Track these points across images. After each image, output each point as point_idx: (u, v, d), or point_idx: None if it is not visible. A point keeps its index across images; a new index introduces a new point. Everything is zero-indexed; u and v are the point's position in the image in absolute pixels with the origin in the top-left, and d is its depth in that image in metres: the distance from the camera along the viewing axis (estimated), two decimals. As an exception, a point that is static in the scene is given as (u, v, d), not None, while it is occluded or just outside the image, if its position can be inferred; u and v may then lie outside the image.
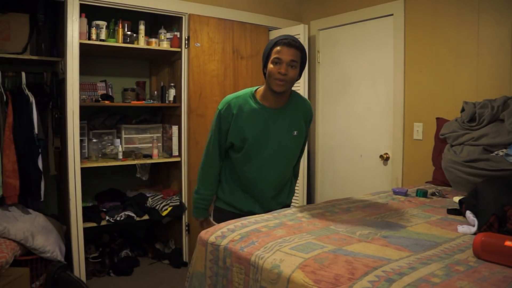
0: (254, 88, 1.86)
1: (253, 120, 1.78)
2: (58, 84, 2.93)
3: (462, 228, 1.46)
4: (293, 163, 1.95)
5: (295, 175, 2.07)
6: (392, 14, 3.08)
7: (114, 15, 2.97)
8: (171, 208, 3.16)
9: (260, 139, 1.78)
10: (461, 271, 1.08)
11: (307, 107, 1.94)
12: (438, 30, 2.80)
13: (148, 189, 3.46)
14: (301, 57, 1.75)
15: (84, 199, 2.88)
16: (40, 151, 2.67)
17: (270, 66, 1.71)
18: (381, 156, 3.19)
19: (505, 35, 2.46)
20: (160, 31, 3.13)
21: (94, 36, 2.83)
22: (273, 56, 1.71)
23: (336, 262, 1.15)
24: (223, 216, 1.83)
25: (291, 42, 1.70)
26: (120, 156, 3.05)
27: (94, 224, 2.91)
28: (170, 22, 3.24)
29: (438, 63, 2.81)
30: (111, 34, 2.95)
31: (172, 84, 3.25)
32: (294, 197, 3.54)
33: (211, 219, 1.97)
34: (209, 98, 3.24)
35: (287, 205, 1.98)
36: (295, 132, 1.84)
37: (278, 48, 1.70)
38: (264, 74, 1.79)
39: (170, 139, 3.24)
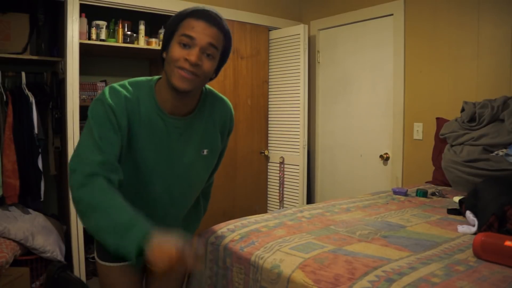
0: (151, 80, 1.27)
1: (149, 135, 1.22)
2: (58, 84, 2.93)
3: (462, 228, 1.47)
4: (199, 190, 1.43)
5: (205, 197, 1.54)
6: (392, 14, 3.08)
7: (114, 15, 2.96)
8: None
9: (155, 164, 1.24)
10: (461, 271, 1.08)
11: (227, 111, 1.39)
12: (438, 30, 2.80)
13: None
14: (224, 44, 1.21)
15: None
16: (40, 151, 2.67)
17: (175, 47, 1.15)
18: (381, 156, 3.19)
19: (505, 35, 2.46)
20: (160, 31, 3.12)
21: (94, 36, 2.83)
22: (181, 31, 1.15)
23: (336, 262, 1.15)
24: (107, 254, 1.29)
25: (214, 17, 1.15)
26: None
27: (94, 224, 2.90)
28: (170, 22, 3.23)
29: (438, 63, 2.81)
30: (111, 34, 2.95)
31: (172, 84, 3.24)
32: (294, 197, 3.57)
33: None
34: (209, 98, 3.24)
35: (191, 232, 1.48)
36: (205, 151, 1.32)
37: (192, 21, 1.14)
38: (162, 60, 1.22)
39: (170, 139, 3.23)
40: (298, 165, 3.46)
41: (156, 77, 1.30)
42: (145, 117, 1.21)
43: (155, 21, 3.32)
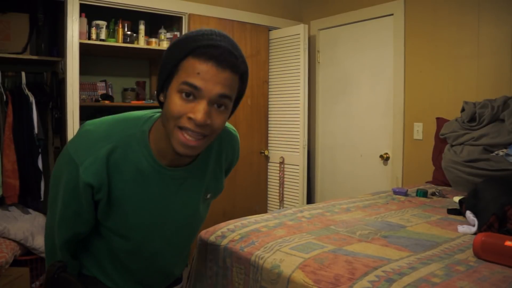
0: (144, 123, 1.00)
1: (141, 193, 1.00)
2: (58, 84, 2.92)
3: (462, 228, 1.46)
4: (197, 231, 1.26)
5: None
6: (392, 14, 3.08)
7: (114, 15, 2.96)
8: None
9: (151, 223, 1.06)
10: (461, 271, 1.08)
11: (235, 147, 1.19)
12: (438, 30, 2.80)
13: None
14: (240, 84, 0.93)
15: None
16: (40, 151, 2.67)
17: (174, 98, 0.88)
18: (381, 156, 3.19)
19: (505, 35, 2.46)
20: (160, 31, 3.12)
21: (94, 36, 2.83)
22: (181, 77, 0.87)
23: (336, 262, 1.15)
24: None
25: (226, 56, 0.87)
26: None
27: (94, 224, 2.91)
28: (170, 22, 3.23)
29: (438, 63, 2.81)
30: (111, 34, 2.95)
31: (172, 84, 3.24)
32: (294, 197, 3.57)
33: None
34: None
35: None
36: (209, 195, 1.15)
37: (196, 64, 0.86)
38: (160, 104, 0.96)
39: (170, 139, 3.23)
40: (298, 165, 3.45)
41: (150, 114, 1.03)
42: (134, 174, 0.98)
43: (155, 21, 3.32)
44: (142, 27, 3.03)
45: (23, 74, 2.70)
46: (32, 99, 2.65)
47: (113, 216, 1.01)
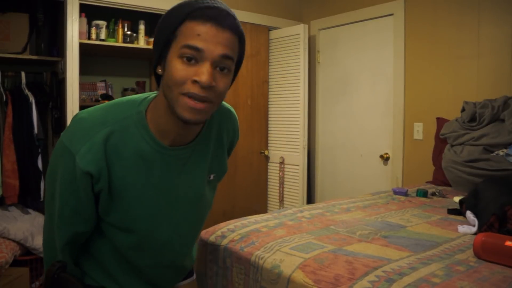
0: (141, 103, 0.95)
1: (143, 178, 0.95)
2: (58, 84, 2.92)
3: (463, 228, 1.46)
4: (205, 218, 1.18)
5: None
6: (392, 14, 3.08)
7: (114, 15, 2.96)
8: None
9: (156, 209, 0.99)
10: (462, 271, 1.08)
11: (234, 124, 1.15)
12: (439, 30, 2.79)
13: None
14: (240, 48, 0.92)
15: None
16: (40, 151, 2.67)
17: (175, 63, 0.84)
18: (381, 156, 3.19)
19: (505, 35, 2.46)
20: (160, 31, 3.12)
21: (94, 36, 2.83)
22: (181, 41, 0.84)
23: (336, 262, 1.15)
24: None
25: (225, 16, 0.85)
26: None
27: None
28: (170, 22, 3.23)
29: (438, 63, 2.81)
30: (111, 34, 2.95)
31: (172, 84, 3.24)
32: (294, 197, 3.57)
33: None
34: (209, 98, 3.24)
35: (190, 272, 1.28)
36: (212, 176, 1.09)
37: (196, 25, 0.83)
38: (157, 77, 0.93)
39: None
40: (298, 165, 3.45)
41: (145, 95, 0.98)
42: (134, 158, 0.93)
43: (155, 21, 3.32)
44: (142, 27, 3.03)
45: (22, 74, 2.70)
46: (32, 99, 2.65)
47: (115, 207, 0.95)
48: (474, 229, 1.43)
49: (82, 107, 2.75)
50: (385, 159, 3.17)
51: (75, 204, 0.92)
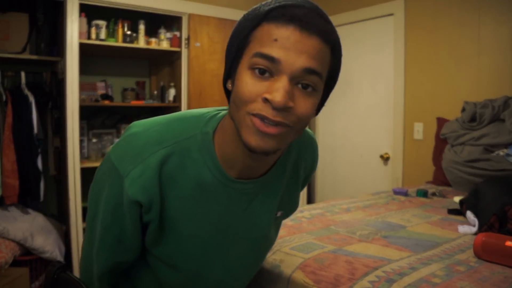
0: (208, 121, 0.79)
1: (201, 212, 0.80)
2: (58, 83, 2.92)
3: (463, 228, 1.46)
4: (265, 258, 1.06)
5: None
6: (392, 14, 3.08)
7: (113, 15, 2.96)
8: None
9: (212, 248, 0.85)
10: (462, 271, 1.08)
11: (313, 152, 0.97)
12: (439, 30, 2.79)
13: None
14: (332, 62, 0.71)
15: (84, 199, 2.88)
16: (39, 151, 2.67)
17: (244, 76, 0.68)
18: (381, 156, 3.18)
19: (505, 35, 2.46)
20: (160, 30, 3.12)
21: (93, 36, 2.83)
22: (253, 48, 0.67)
23: (336, 262, 1.15)
24: None
25: (313, 18, 0.66)
26: (120, 156, 3.04)
27: (94, 224, 2.90)
28: (170, 21, 3.23)
29: (438, 63, 2.81)
30: (111, 33, 2.95)
31: (172, 84, 3.24)
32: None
33: None
34: (209, 98, 3.24)
35: None
36: (280, 213, 0.94)
37: (273, 27, 0.66)
38: (227, 93, 0.77)
39: (170, 139, 3.24)
40: (298, 165, 3.45)
41: (214, 111, 0.81)
42: (193, 188, 0.77)
43: (155, 21, 3.32)
44: (142, 27, 3.02)
45: (22, 74, 2.69)
46: (31, 99, 2.65)
47: (164, 241, 0.80)
48: (475, 229, 1.43)
49: (82, 107, 2.74)
50: (385, 159, 3.17)
51: (119, 233, 0.78)
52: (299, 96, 0.67)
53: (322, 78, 0.69)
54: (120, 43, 2.94)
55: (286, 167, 0.88)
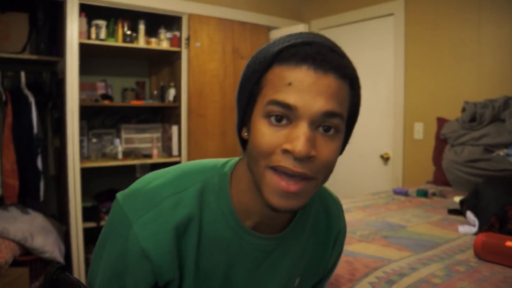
0: (225, 164, 0.74)
1: (215, 259, 0.71)
2: (58, 83, 2.92)
3: (463, 228, 1.46)
4: None
5: None
6: (392, 14, 3.08)
7: (113, 15, 2.96)
8: (170, 208, 3.12)
9: None
10: (462, 272, 1.07)
11: (340, 219, 0.85)
12: (439, 30, 2.79)
13: (148, 189, 3.45)
14: (352, 97, 0.67)
15: (84, 199, 2.88)
16: (39, 151, 2.67)
17: (260, 125, 0.62)
18: (381, 156, 3.18)
19: (506, 35, 2.45)
20: (160, 30, 3.12)
21: (93, 36, 2.83)
22: (267, 94, 0.62)
23: (336, 263, 1.14)
24: None
25: (326, 54, 0.62)
26: (120, 156, 3.04)
27: (94, 224, 2.90)
28: (170, 21, 3.23)
29: (438, 63, 2.81)
30: (111, 33, 2.94)
31: (172, 84, 3.24)
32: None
33: None
34: (209, 98, 3.24)
35: None
36: (297, 281, 0.80)
37: (286, 70, 0.61)
38: (242, 142, 0.71)
39: (170, 139, 3.24)
40: (298, 165, 3.45)
41: (224, 159, 0.75)
42: (208, 237, 0.69)
43: (155, 21, 3.32)
44: (142, 27, 3.02)
45: (22, 74, 2.69)
46: (31, 99, 2.65)
47: None
48: (475, 229, 1.43)
49: (82, 107, 2.74)
50: (385, 159, 3.17)
51: None
52: (321, 142, 0.61)
53: (344, 118, 0.64)
54: (120, 43, 2.94)
55: (305, 227, 0.77)
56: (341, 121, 0.63)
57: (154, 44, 3.08)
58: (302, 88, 0.59)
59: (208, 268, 0.70)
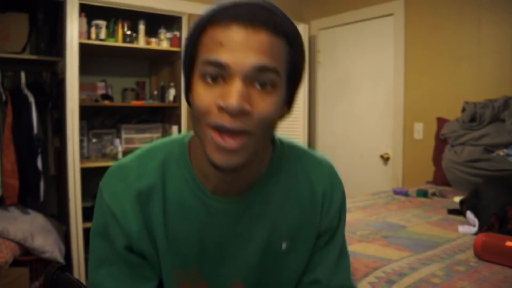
0: (183, 137, 0.79)
1: (185, 226, 0.74)
2: (58, 84, 2.92)
3: (463, 228, 1.46)
4: None
5: None
6: (392, 14, 3.08)
7: (113, 15, 2.96)
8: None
9: (199, 277, 0.77)
10: (462, 271, 1.08)
11: (324, 181, 0.87)
12: (439, 30, 2.79)
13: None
14: (290, 54, 0.66)
15: (84, 199, 2.88)
16: (39, 151, 2.67)
17: (197, 87, 0.64)
18: (381, 156, 3.18)
19: (505, 35, 2.45)
20: (160, 30, 3.12)
21: (93, 36, 2.83)
22: (202, 56, 0.64)
23: (336, 263, 1.14)
24: None
25: (255, 13, 0.62)
26: (120, 156, 3.04)
27: (94, 224, 2.90)
28: (170, 21, 3.23)
29: (438, 63, 2.81)
30: (111, 33, 2.94)
31: (172, 84, 3.24)
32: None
33: None
34: (209, 98, 3.24)
35: None
36: (284, 245, 0.78)
37: (218, 31, 0.62)
38: (189, 104, 0.71)
39: (170, 139, 3.24)
40: (298, 165, 3.45)
41: (192, 132, 0.75)
42: (174, 205, 0.74)
43: (155, 21, 3.32)
44: (142, 27, 3.02)
45: (22, 74, 2.69)
46: (31, 99, 2.65)
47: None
48: (475, 229, 1.43)
49: (81, 107, 2.74)
50: (385, 159, 3.17)
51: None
52: (257, 97, 0.62)
53: (279, 73, 0.64)
54: (120, 43, 2.94)
55: (277, 184, 0.78)
56: (276, 76, 0.63)
57: (154, 44, 3.08)
58: (233, 47, 0.61)
59: (179, 235, 0.74)
